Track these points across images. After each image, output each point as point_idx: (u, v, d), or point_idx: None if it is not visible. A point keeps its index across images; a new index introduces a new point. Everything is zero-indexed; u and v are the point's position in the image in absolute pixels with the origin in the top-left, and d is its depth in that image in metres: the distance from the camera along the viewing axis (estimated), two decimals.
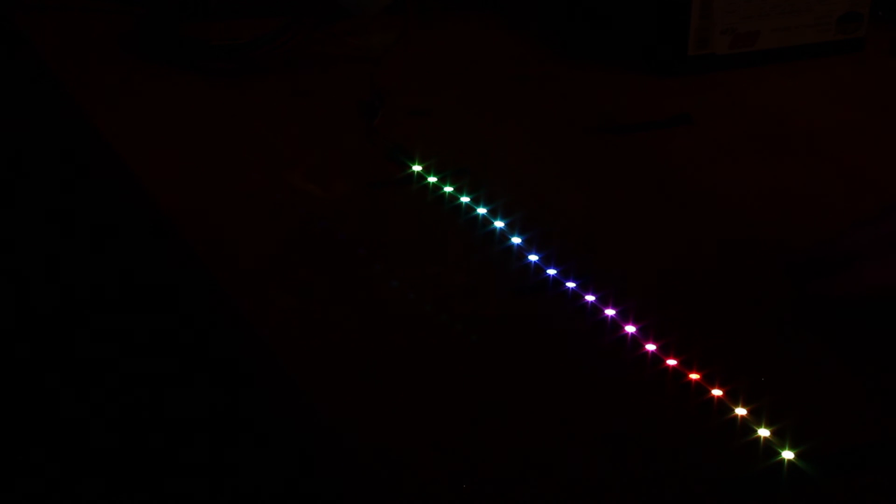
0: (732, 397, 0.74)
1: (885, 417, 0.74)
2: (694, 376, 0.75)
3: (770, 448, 0.71)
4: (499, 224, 0.90)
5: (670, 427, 0.73)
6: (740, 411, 0.73)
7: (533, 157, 1.02)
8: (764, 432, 0.71)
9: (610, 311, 0.81)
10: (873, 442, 0.72)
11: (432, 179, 0.96)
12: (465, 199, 0.93)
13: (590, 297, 0.82)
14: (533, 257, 0.87)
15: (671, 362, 0.77)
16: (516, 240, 0.89)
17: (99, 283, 1.07)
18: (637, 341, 0.79)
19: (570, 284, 0.84)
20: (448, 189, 0.95)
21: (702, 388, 0.75)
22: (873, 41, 1.21)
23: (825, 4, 1.16)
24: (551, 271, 0.85)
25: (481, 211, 0.92)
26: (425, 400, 0.75)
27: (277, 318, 0.82)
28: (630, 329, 0.79)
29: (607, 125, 1.07)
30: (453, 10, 1.28)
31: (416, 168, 0.97)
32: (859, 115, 1.11)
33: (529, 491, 0.68)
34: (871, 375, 0.77)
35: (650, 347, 0.78)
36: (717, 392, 0.74)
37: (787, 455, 0.70)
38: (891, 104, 1.13)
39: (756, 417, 0.72)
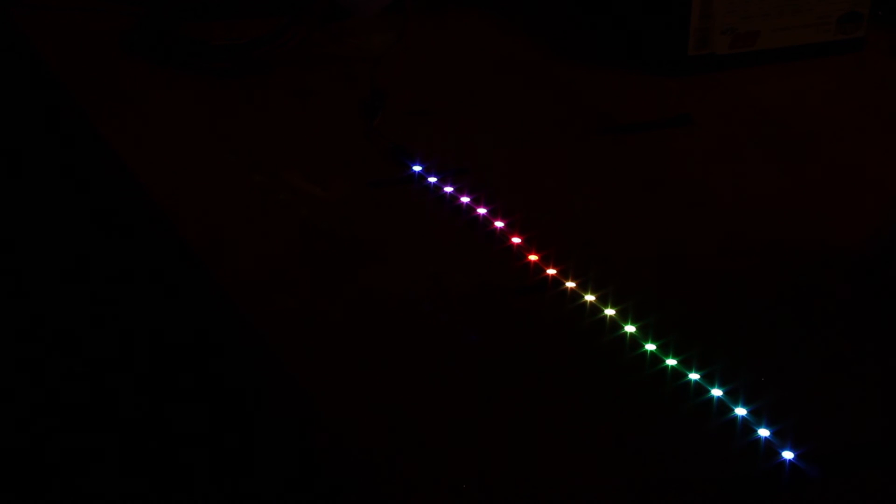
0: (732, 397, 0.74)
1: (885, 417, 0.74)
2: (693, 376, 0.75)
3: (771, 448, 0.71)
4: (499, 224, 0.90)
5: (670, 427, 0.73)
6: (740, 411, 0.73)
7: (533, 157, 1.02)
8: (764, 432, 0.72)
9: (609, 311, 0.81)
10: (873, 442, 0.72)
11: (432, 179, 0.96)
12: (465, 199, 0.93)
13: (589, 297, 0.82)
14: (533, 257, 0.87)
15: (671, 361, 0.77)
16: (516, 240, 0.89)
17: (98, 282, 1.07)
18: (637, 340, 0.79)
19: (571, 284, 0.84)
20: (448, 189, 0.95)
21: (702, 388, 0.75)
22: (873, 41, 1.21)
23: (825, 4, 1.16)
24: (551, 271, 0.85)
25: (481, 211, 0.92)
26: (425, 400, 0.75)
27: (277, 318, 0.82)
28: (629, 328, 0.79)
29: (607, 125, 1.07)
30: (453, 9, 1.28)
31: (417, 168, 0.97)
32: (859, 115, 1.11)
33: (529, 491, 0.68)
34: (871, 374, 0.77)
35: (649, 346, 0.78)
36: (716, 392, 0.74)
37: (788, 455, 0.70)
38: (891, 104, 1.13)
39: (756, 417, 0.73)
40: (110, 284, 1.06)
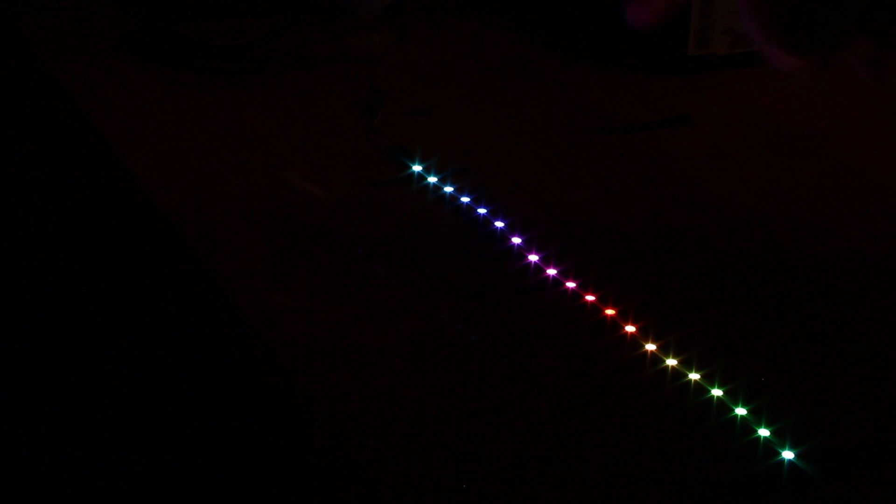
0: (732, 397, 0.74)
1: (885, 417, 0.74)
2: (693, 376, 0.75)
3: (770, 448, 0.71)
4: (499, 224, 0.90)
5: (670, 427, 0.73)
6: (740, 411, 0.73)
7: (533, 157, 1.02)
8: (764, 432, 0.72)
9: (610, 311, 0.81)
10: (873, 442, 0.72)
11: (432, 179, 0.96)
12: (465, 200, 0.93)
13: (590, 297, 0.82)
14: (533, 257, 0.87)
15: (671, 362, 0.77)
16: (516, 240, 0.89)
17: (98, 282, 1.07)
18: (637, 341, 0.79)
19: (571, 284, 0.84)
20: (448, 189, 0.95)
21: (701, 388, 0.75)
22: None
23: None
24: (551, 271, 0.85)
25: (481, 211, 0.92)
26: (425, 400, 0.75)
27: (277, 318, 0.82)
28: (630, 329, 0.79)
29: (607, 125, 1.07)
30: (453, 9, 1.28)
31: (417, 168, 0.97)
32: (859, 115, 1.11)
33: (529, 491, 0.68)
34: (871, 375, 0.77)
35: (650, 347, 0.78)
36: (716, 392, 0.74)
37: (788, 455, 0.70)
38: (891, 104, 1.13)
39: (756, 417, 0.73)
40: (109, 284, 1.06)
